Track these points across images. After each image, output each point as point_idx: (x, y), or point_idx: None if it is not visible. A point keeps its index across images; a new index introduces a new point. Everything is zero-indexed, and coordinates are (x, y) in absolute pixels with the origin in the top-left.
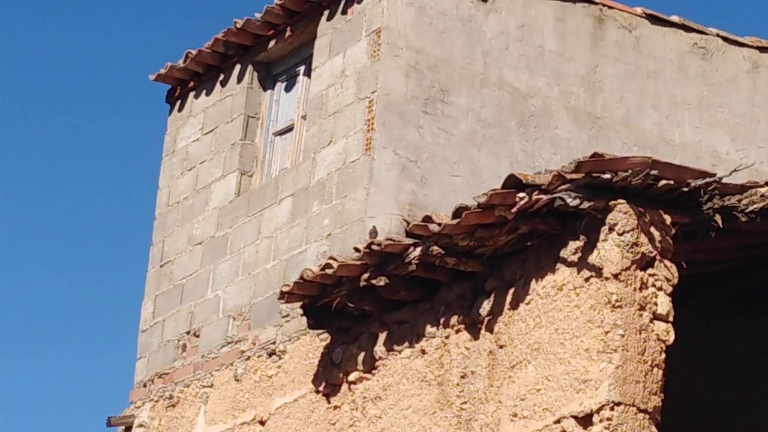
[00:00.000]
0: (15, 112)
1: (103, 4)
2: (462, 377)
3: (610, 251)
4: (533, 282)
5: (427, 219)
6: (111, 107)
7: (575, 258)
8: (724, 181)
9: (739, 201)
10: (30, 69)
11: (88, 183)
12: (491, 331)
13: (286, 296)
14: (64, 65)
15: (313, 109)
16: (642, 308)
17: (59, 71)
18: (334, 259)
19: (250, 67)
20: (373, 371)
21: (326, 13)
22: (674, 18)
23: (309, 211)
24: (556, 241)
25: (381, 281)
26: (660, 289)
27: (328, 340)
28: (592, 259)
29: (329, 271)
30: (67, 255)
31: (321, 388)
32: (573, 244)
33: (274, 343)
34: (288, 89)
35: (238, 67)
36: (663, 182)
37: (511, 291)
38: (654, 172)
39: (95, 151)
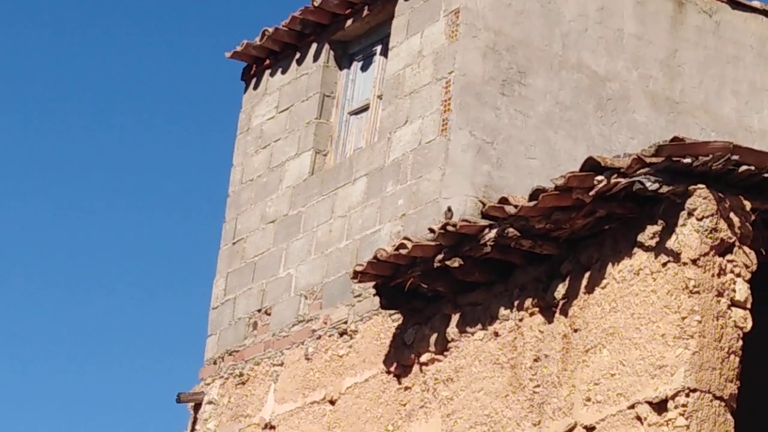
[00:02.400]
0: (92, 90)
1: None
2: (535, 360)
3: (688, 236)
4: (609, 266)
5: (503, 201)
6: (187, 84)
7: (653, 243)
8: None
9: None
10: (105, 47)
11: (163, 160)
12: (566, 314)
13: (359, 276)
14: (140, 43)
15: (390, 89)
16: (720, 294)
17: (135, 49)
18: (408, 240)
19: (326, 46)
20: (445, 353)
21: None
22: (755, 3)
23: (383, 191)
24: (634, 226)
25: (455, 262)
26: (738, 275)
27: (400, 321)
28: (670, 244)
29: (403, 251)
30: (141, 231)
31: (392, 369)
32: (651, 229)
33: (345, 322)
34: (364, 69)
35: (314, 45)
36: (743, 168)
37: (587, 275)
38: (735, 157)
39: (171, 128)
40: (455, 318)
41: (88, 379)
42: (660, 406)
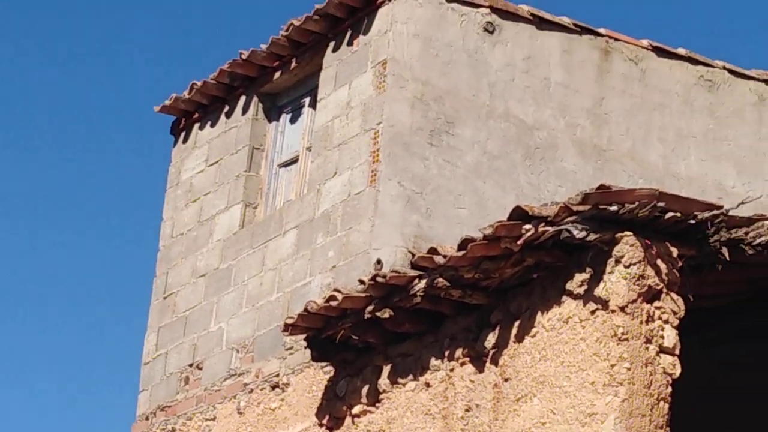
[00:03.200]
0: (20, 144)
1: (109, 35)
2: (467, 410)
3: (616, 284)
4: (539, 314)
5: (433, 251)
6: (116, 139)
7: (581, 290)
8: (730, 213)
9: (746, 234)
10: (35, 101)
11: (93, 216)
12: (496, 364)
13: (290, 328)
14: (70, 97)
15: (318, 141)
16: (648, 341)
17: (65, 103)
18: (339, 291)
19: (255, 99)
20: (377, 404)
21: (332, 44)
22: (680, 50)
23: (313, 243)
24: (562, 274)
25: (385, 313)
26: (666, 322)
27: (332, 373)
28: (599, 291)
29: (333, 303)
30: (71, 287)
31: (324, 422)
32: (579, 277)
33: (277, 375)
34: (293, 120)
35: (243, 98)
36: (670, 214)
37: (517, 323)
38: (661, 204)
39: (100, 183)
40: (386, 369)
41: None
42: None
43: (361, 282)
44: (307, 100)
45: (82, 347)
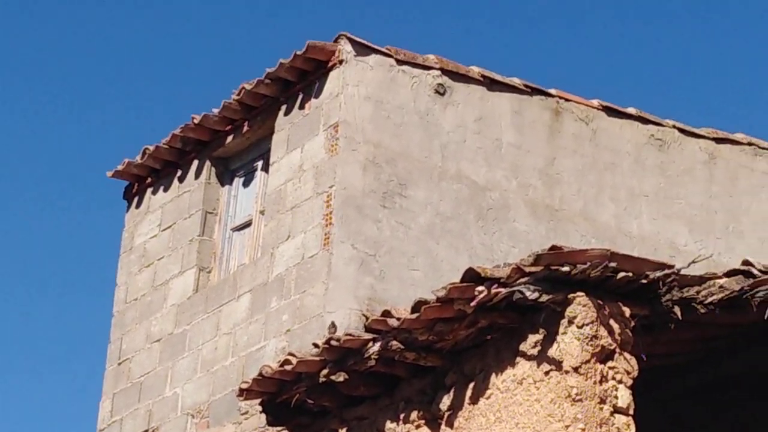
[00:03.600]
0: None
1: (61, 100)
2: None
3: (569, 344)
4: (493, 376)
5: (386, 314)
6: (69, 204)
7: (535, 351)
8: (682, 272)
9: (698, 293)
10: None
11: (46, 281)
12: (452, 426)
13: (245, 393)
14: (21, 162)
15: (272, 204)
16: (602, 401)
17: (16, 168)
18: (293, 355)
19: (207, 163)
20: None
21: (284, 107)
22: (630, 110)
23: (268, 307)
24: (516, 335)
25: (340, 377)
26: (620, 382)
27: None
28: (552, 352)
29: (288, 368)
30: (25, 354)
31: None
32: (532, 338)
33: None
34: (246, 184)
35: (195, 162)
36: (622, 274)
37: (471, 385)
38: (612, 264)
39: (53, 249)
40: None
41: None
42: None
43: (316, 345)
44: (259, 164)
45: (36, 416)
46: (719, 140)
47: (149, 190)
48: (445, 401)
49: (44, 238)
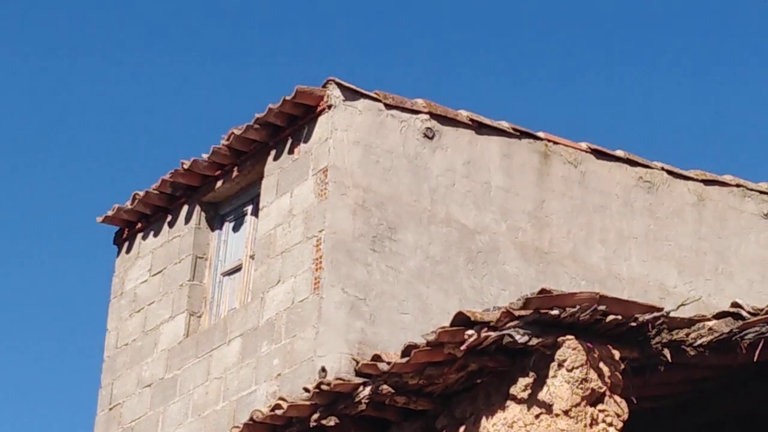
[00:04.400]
0: None
1: (49, 144)
2: None
3: (559, 387)
4: (484, 419)
5: (377, 358)
6: (58, 249)
7: (525, 395)
8: (671, 315)
9: (687, 335)
10: None
11: (35, 327)
12: None
13: None
14: (11, 208)
15: (261, 249)
16: None
17: (7, 215)
18: (284, 400)
19: (197, 208)
20: None
21: (273, 152)
22: (619, 152)
23: (258, 351)
24: (506, 378)
25: (331, 421)
26: (610, 425)
27: None
28: (542, 395)
29: (279, 412)
30: (15, 401)
31: None
32: (523, 381)
33: None
34: (236, 229)
35: (185, 207)
36: (611, 317)
37: (462, 429)
38: (602, 307)
39: (42, 295)
40: None
41: None
42: None
43: (306, 390)
44: (249, 209)
45: None
46: (708, 182)
47: (139, 236)
48: None
49: (34, 283)
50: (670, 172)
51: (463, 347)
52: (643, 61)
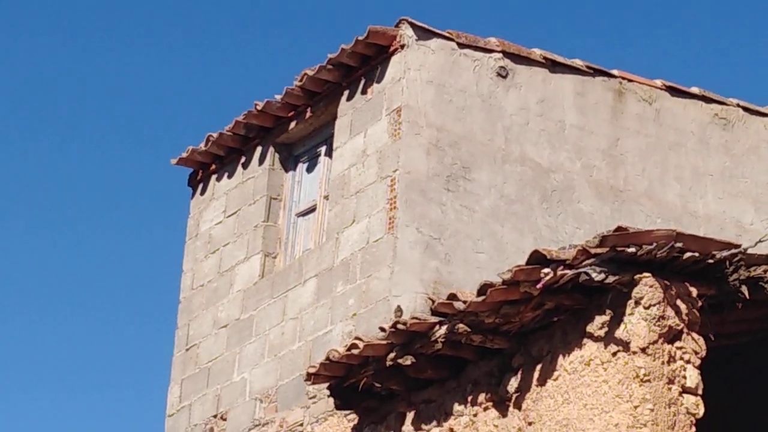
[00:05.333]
0: (38, 210)
1: (124, 90)
2: None
3: (636, 325)
4: (560, 357)
5: (452, 297)
6: (134, 192)
7: (602, 332)
8: (749, 251)
9: (765, 272)
10: (51, 159)
11: (113, 269)
12: (519, 408)
13: (313, 377)
14: (87, 151)
15: (335, 189)
16: (671, 382)
17: (81, 158)
18: (360, 339)
19: (271, 149)
20: None
21: (346, 93)
22: (694, 89)
23: (333, 292)
24: (582, 316)
25: (407, 360)
26: (688, 362)
27: (356, 421)
28: (619, 333)
29: (355, 352)
30: (94, 343)
31: None
32: (599, 319)
33: (301, 424)
34: (310, 170)
35: (259, 149)
36: (688, 254)
37: (539, 367)
38: (679, 244)
39: (119, 237)
40: (410, 416)
41: None
42: None
43: (382, 329)
44: (323, 149)
45: (106, 404)
46: None
47: (213, 177)
48: (513, 383)
49: (111, 226)
50: (745, 109)
51: (539, 285)
52: None
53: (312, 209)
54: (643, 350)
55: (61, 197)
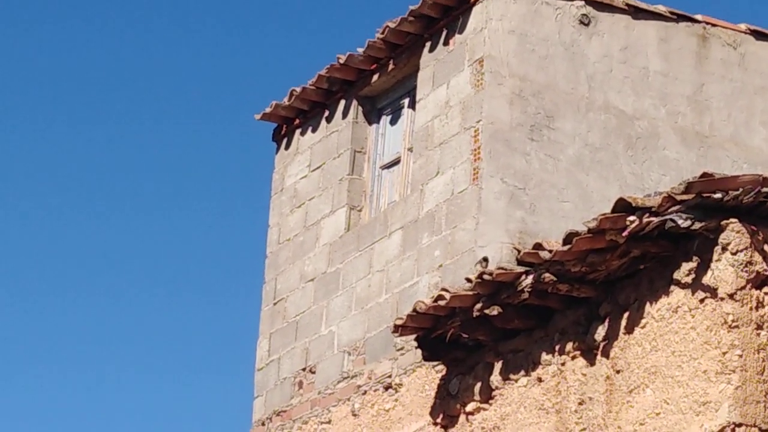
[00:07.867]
0: (122, 158)
1: (206, 45)
2: (580, 404)
3: (724, 271)
4: (648, 305)
5: (538, 246)
6: (218, 148)
7: (689, 279)
8: None
9: None
10: (137, 117)
11: (199, 224)
12: (607, 356)
13: (400, 329)
14: (171, 110)
15: (419, 141)
16: (759, 327)
17: (166, 116)
18: (447, 291)
19: (354, 102)
20: (490, 401)
21: (428, 44)
22: None
23: (419, 243)
24: (669, 263)
25: (494, 311)
26: None
27: (444, 372)
28: (707, 279)
29: (442, 303)
30: (183, 296)
31: (439, 420)
32: (686, 266)
33: (390, 376)
34: (393, 122)
35: (342, 102)
36: None
37: (626, 315)
38: (765, 189)
39: (205, 193)
40: (498, 366)
41: None
42: None
43: (468, 280)
44: (406, 101)
45: (196, 355)
46: None
47: (297, 132)
48: (600, 332)
49: (196, 182)
50: None
51: (624, 233)
52: None
53: (396, 161)
54: (731, 296)
55: (147, 157)
